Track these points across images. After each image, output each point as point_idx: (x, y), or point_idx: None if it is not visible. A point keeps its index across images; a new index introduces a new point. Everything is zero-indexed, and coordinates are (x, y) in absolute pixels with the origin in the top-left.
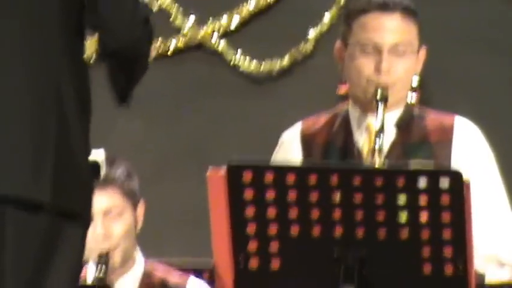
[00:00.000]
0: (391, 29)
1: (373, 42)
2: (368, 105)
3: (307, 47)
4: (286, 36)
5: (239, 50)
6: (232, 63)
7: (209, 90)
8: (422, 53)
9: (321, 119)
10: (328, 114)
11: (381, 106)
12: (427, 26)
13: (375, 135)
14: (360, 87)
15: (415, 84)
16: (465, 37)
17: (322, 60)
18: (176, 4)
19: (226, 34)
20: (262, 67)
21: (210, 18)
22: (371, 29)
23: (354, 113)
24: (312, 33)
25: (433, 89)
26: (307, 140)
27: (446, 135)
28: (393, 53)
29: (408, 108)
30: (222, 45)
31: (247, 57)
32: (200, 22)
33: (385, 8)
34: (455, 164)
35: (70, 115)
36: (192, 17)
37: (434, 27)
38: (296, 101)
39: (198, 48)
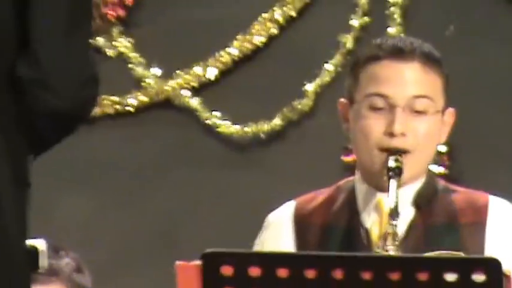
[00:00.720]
0: (408, 80)
1: (384, 97)
2: (378, 178)
3: (304, 103)
4: (278, 90)
5: (217, 108)
6: (208, 124)
7: (179, 157)
8: (450, 115)
9: (319, 197)
10: (328, 190)
11: (393, 180)
12: (454, 81)
13: (388, 217)
14: (368, 155)
15: (440, 151)
16: (502, 93)
17: (323, 120)
18: (137, 52)
19: (200, 87)
20: (246, 129)
21: (179, 67)
22: (382, 80)
23: (361, 187)
24: (311, 86)
25: (462, 160)
26: (301, 222)
27: (479, 216)
28: (410, 110)
29: (430, 181)
30: (195, 101)
31: (228, 116)
32: (167, 72)
33: (400, 54)
34: (491, 251)
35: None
36: (157, 69)
37: (462, 82)
38: (289, 173)
39: (165, 106)
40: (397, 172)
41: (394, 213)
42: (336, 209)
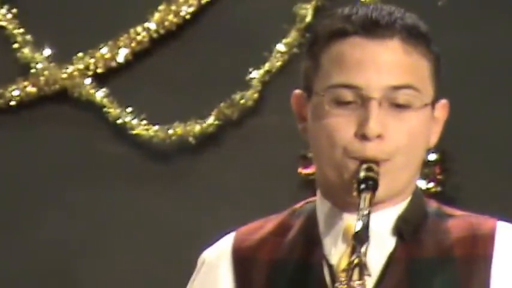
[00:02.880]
0: (385, 65)
1: (354, 88)
2: (346, 196)
3: (247, 96)
4: (212, 79)
5: (131, 102)
6: (119, 123)
7: (79, 168)
8: (443, 108)
9: (267, 225)
10: (280, 216)
11: (365, 195)
12: (445, 67)
13: (355, 243)
14: (333, 164)
15: (429, 160)
16: (507, 82)
17: (273, 119)
18: (22, 27)
19: (108, 75)
20: (170, 131)
21: (79, 48)
22: (351, 65)
23: (323, 209)
24: (256, 73)
25: (458, 172)
26: (243, 260)
27: (482, 247)
28: (389, 104)
29: (417, 202)
30: (101, 93)
31: (145, 114)
32: (63, 55)
33: (375, 28)
34: None
35: None
36: (49, 50)
37: (456, 68)
38: (228, 190)
39: (61, 99)
40: (371, 185)
41: (362, 238)
42: (290, 239)
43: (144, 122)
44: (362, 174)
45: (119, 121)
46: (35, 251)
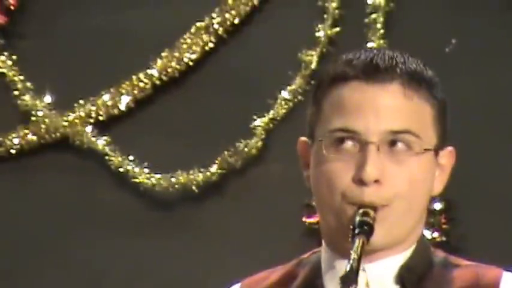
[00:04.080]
0: (384, 109)
1: (353, 132)
2: (345, 241)
3: (251, 145)
4: (215, 127)
5: (133, 150)
6: (120, 172)
7: (80, 218)
8: (449, 155)
9: (272, 276)
10: (286, 266)
11: (358, 239)
12: (454, 113)
13: (341, 287)
14: (332, 210)
15: (434, 209)
16: None
17: (277, 167)
18: (22, 74)
19: (109, 122)
20: (173, 180)
21: (80, 95)
22: (350, 110)
23: (326, 257)
24: (260, 121)
25: (464, 221)
26: None
27: None
28: (388, 150)
29: (423, 251)
30: (102, 141)
31: (148, 162)
32: (64, 102)
33: (375, 72)
34: None
35: None
36: (49, 97)
37: (464, 114)
38: (231, 240)
39: (62, 147)
40: (365, 229)
41: (350, 280)
42: (296, 287)
43: (147, 170)
44: (357, 219)
45: (121, 169)
46: None
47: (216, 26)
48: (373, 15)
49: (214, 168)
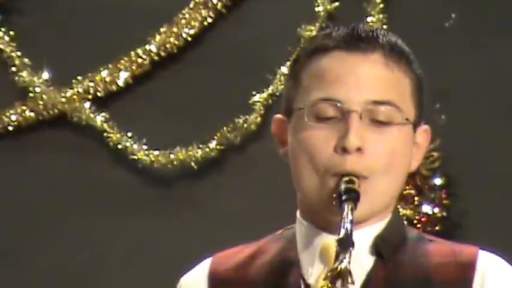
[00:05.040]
0: (366, 79)
1: (335, 102)
2: (325, 213)
3: (250, 121)
4: (214, 103)
5: (131, 127)
6: (119, 148)
7: (79, 195)
8: (425, 134)
9: (244, 250)
10: (258, 242)
11: (348, 205)
12: (454, 88)
13: (338, 249)
14: (312, 179)
15: (435, 184)
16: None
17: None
18: (20, 51)
19: (107, 99)
20: (172, 156)
21: (78, 72)
22: (332, 80)
23: (301, 229)
24: (259, 97)
25: (465, 196)
26: (219, 282)
27: (462, 272)
28: (369, 119)
29: (396, 223)
30: (100, 118)
31: (146, 139)
32: (62, 78)
33: (356, 43)
34: None
35: None
36: (47, 74)
37: (465, 88)
38: (230, 215)
39: (60, 123)
40: (353, 196)
41: (346, 244)
42: (267, 261)
43: (145, 147)
44: (343, 186)
45: (120, 146)
46: (32, 279)
47: (214, 1)
48: None
49: (213, 145)
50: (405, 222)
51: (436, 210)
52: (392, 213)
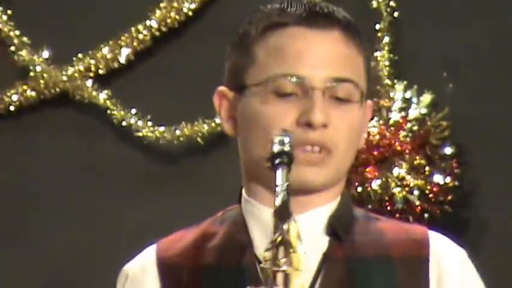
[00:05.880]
0: (328, 55)
1: (296, 77)
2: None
3: None
4: (219, 78)
5: (135, 103)
6: (123, 126)
7: (83, 174)
8: (369, 108)
9: (187, 235)
10: (199, 226)
11: (282, 170)
12: (460, 60)
13: (275, 220)
14: (263, 151)
15: (445, 154)
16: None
17: None
18: (18, 29)
19: (110, 76)
20: (177, 133)
21: (79, 49)
22: (292, 56)
23: (248, 208)
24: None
25: (476, 166)
26: (169, 268)
27: (418, 250)
28: (330, 96)
29: (346, 202)
30: (103, 95)
31: (151, 115)
32: (63, 56)
33: (315, 19)
34: None
35: None
36: (47, 52)
37: (471, 61)
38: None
39: (62, 102)
40: (286, 160)
41: (283, 214)
42: (217, 245)
43: (150, 123)
44: (276, 148)
45: (124, 123)
46: (37, 260)
47: None
48: None
49: (219, 119)
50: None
51: (448, 179)
52: (342, 193)
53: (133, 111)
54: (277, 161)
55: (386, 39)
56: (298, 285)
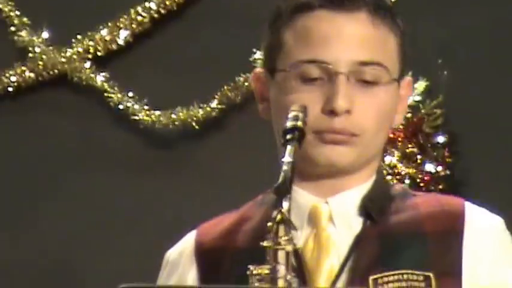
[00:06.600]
0: (353, 39)
1: (321, 63)
2: (310, 170)
3: (250, 80)
4: (215, 61)
5: (132, 86)
6: (120, 109)
7: (80, 156)
8: (407, 86)
9: (227, 218)
10: (239, 210)
11: (290, 146)
12: (456, 42)
13: (276, 199)
14: None
15: (437, 142)
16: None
17: None
18: (18, 10)
19: (108, 58)
20: (173, 116)
21: (78, 30)
22: (317, 40)
23: None
24: (259, 55)
25: (468, 155)
26: (206, 252)
27: (453, 223)
28: (356, 80)
29: (381, 182)
30: (101, 77)
31: (147, 98)
32: (62, 37)
33: (341, 2)
34: (471, 267)
35: None
36: (46, 33)
37: (467, 42)
38: (233, 176)
39: (60, 84)
40: (296, 135)
41: (284, 191)
42: (254, 227)
43: (146, 107)
44: (288, 124)
45: (121, 106)
46: (33, 242)
47: None
48: None
49: (214, 104)
50: (389, 181)
51: (439, 168)
52: (376, 173)
53: (130, 94)
54: (288, 137)
55: None
56: (328, 266)
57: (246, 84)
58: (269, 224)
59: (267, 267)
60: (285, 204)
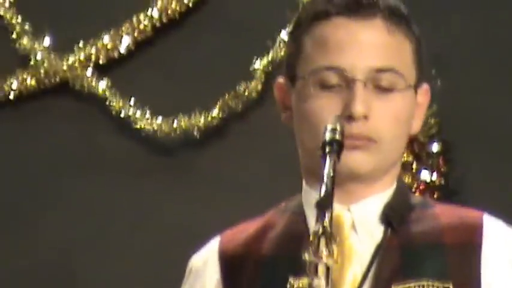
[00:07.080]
0: (369, 46)
1: (338, 70)
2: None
3: (251, 88)
4: (216, 70)
5: (134, 94)
6: (121, 117)
7: (81, 163)
8: (424, 93)
9: (251, 225)
10: (264, 216)
11: (328, 161)
12: (454, 51)
13: (317, 210)
14: (317, 147)
15: (432, 151)
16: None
17: (277, 110)
18: (20, 16)
19: (110, 65)
20: (174, 124)
21: (80, 37)
22: (334, 47)
23: (308, 199)
24: (260, 64)
25: (463, 163)
26: (230, 259)
27: (471, 236)
28: (373, 86)
29: (402, 191)
30: (102, 85)
31: (149, 106)
32: (63, 44)
33: (357, 8)
34: (489, 280)
35: None
36: (48, 40)
37: (465, 51)
38: (233, 183)
39: (61, 91)
40: (335, 148)
41: (326, 205)
42: (277, 235)
43: (148, 115)
44: (327, 136)
45: (122, 114)
46: (34, 246)
47: None
48: None
49: (215, 112)
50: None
51: (434, 177)
52: (397, 181)
53: (132, 102)
54: (326, 150)
55: None
56: (351, 276)
57: (246, 92)
58: (311, 237)
59: (306, 280)
60: (327, 217)
